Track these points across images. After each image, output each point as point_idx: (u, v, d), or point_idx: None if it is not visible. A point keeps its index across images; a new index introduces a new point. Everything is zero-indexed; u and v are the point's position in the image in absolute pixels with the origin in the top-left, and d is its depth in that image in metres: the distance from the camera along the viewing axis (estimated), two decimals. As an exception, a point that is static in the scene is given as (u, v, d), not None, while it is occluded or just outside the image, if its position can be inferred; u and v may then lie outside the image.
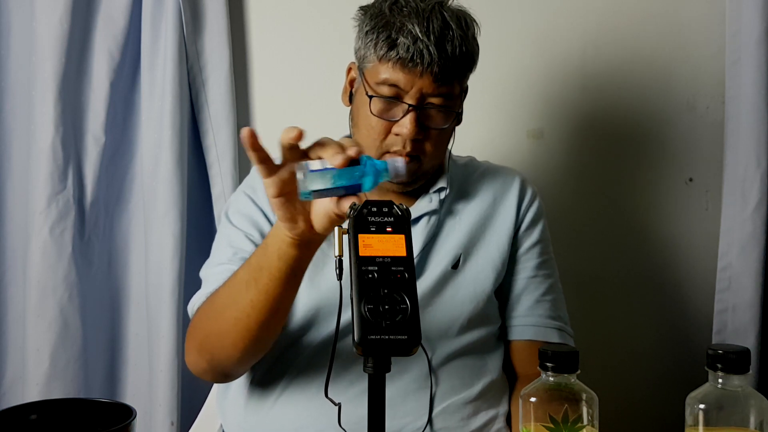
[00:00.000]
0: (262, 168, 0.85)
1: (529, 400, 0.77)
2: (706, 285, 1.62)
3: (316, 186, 0.82)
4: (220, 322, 1.02)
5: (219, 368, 1.09)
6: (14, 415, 0.86)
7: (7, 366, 1.60)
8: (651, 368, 1.67)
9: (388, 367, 0.70)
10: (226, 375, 1.13)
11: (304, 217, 0.88)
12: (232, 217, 1.20)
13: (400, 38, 1.09)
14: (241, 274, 1.00)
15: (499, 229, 1.23)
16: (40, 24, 1.51)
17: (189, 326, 1.11)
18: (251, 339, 1.01)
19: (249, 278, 0.97)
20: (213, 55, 1.57)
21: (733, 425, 0.74)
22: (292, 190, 0.85)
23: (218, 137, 1.58)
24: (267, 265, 0.94)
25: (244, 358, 1.06)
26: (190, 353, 1.10)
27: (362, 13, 1.17)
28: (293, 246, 0.90)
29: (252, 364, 1.12)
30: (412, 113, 1.11)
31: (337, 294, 0.84)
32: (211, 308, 1.06)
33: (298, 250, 0.91)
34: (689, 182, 1.65)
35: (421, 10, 1.10)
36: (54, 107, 1.50)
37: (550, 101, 1.64)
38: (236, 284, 1.00)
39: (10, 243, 1.60)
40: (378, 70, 1.12)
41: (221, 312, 1.02)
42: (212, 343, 1.05)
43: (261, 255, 0.96)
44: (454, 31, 1.10)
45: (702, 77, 1.62)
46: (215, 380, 1.18)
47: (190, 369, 1.12)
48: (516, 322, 1.23)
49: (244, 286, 0.97)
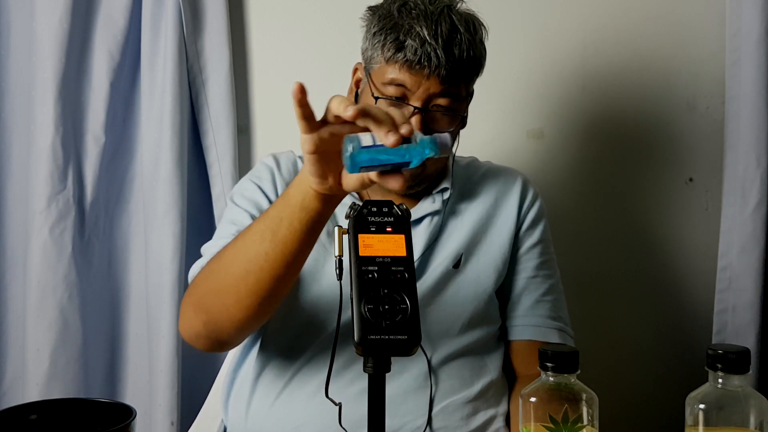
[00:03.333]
0: (303, 123, 0.83)
1: (529, 400, 0.77)
2: (706, 285, 1.62)
3: (365, 162, 0.81)
4: (227, 277, 0.99)
5: (215, 332, 1.04)
6: (14, 415, 0.86)
7: (7, 366, 1.60)
8: (651, 368, 1.67)
9: (388, 367, 0.70)
10: (222, 341, 1.08)
11: (334, 175, 0.88)
12: (237, 200, 1.20)
13: (408, 40, 1.08)
14: (256, 226, 0.97)
15: (501, 229, 1.23)
16: (40, 24, 1.51)
17: (186, 291, 1.08)
18: (259, 295, 0.97)
19: (265, 229, 0.94)
20: (213, 55, 1.57)
21: (733, 425, 0.74)
22: (328, 148, 0.85)
23: (218, 137, 1.58)
24: (288, 215, 0.92)
25: (245, 320, 1.01)
26: (184, 316, 1.06)
27: (370, 13, 1.17)
28: (317, 199, 0.90)
29: (249, 331, 1.09)
30: (417, 116, 1.11)
31: (338, 294, 0.84)
32: (217, 265, 1.03)
33: (322, 203, 0.90)
34: (689, 182, 1.65)
35: (430, 12, 1.10)
36: (54, 107, 1.50)
37: (550, 101, 1.64)
38: (250, 236, 0.97)
39: (10, 243, 1.60)
40: (385, 71, 1.12)
41: (229, 266, 0.99)
42: (212, 300, 1.02)
43: (282, 206, 0.94)
44: (462, 35, 1.10)
45: (702, 77, 1.62)
46: (209, 347, 1.11)
47: (183, 334, 1.08)
48: (516, 322, 1.23)
49: (258, 238, 0.95)
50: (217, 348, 1.12)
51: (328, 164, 0.86)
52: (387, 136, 0.79)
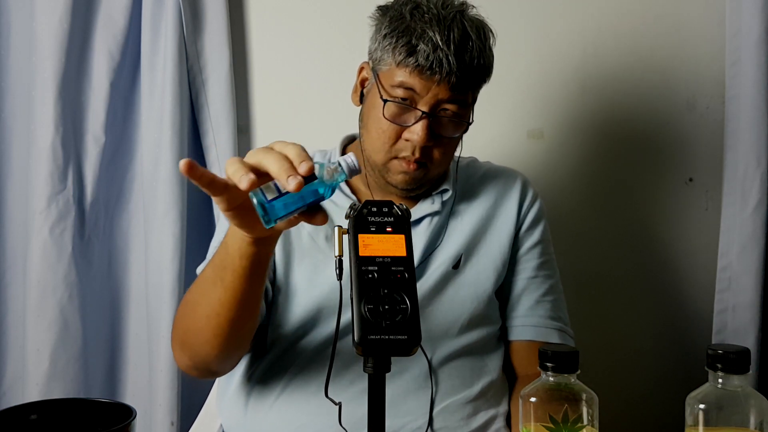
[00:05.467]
0: (208, 190, 0.82)
1: (529, 400, 0.77)
2: (706, 285, 1.62)
3: (280, 213, 0.79)
4: (195, 320, 1.02)
5: (201, 365, 1.08)
6: (14, 415, 0.86)
7: (7, 366, 1.60)
8: (651, 368, 1.67)
9: (388, 367, 0.70)
10: (211, 371, 1.12)
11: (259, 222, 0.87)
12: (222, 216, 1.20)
13: (421, 45, 1.08)
14: (207, 272, 0.99)
15: (501, 229, 1.23)
16: (40, 24, 1.51)
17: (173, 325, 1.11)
18: (224, 336, 1.00)
19: (215, 277, 0.96)
20: (213, 55, 1.57)
21: (733, 425, 0.74)
22: (242, 203, 0.84)
23: (218, 137, 1.58)
24: (230, 263, 0.93)
25: (222, 355, 1.05)
26: (174, 350, 1.10)
27: (380, 13, 1.16)
28: (253, 244, 0.90)
29: (234, 360, 1.11)
30: (424, 120, 1.11)
31: (338, 294, 0.84)
32: (186, 306, 1.06)
33: (257, 247, 0.90)
34: (689, 182, 1.65)
35: (443, 17, 1.09)
36: (54, 107, 1.50)
37: (550, 101, 1.64)
38: (204, 282, 1.00)
39: (10, 243, 1.60)
40: (394, 73, 1.11)
41: (194, 309, 1.02)
42: (191, 340, 1.05)
43: (223, 254, 0.95)
44: (473, 42, 1.10)
45: (702, 77, 1.62)
46: (202, 376, 1.16)
47: (179, 366, 1.11)
48: (516, 323, 1.23)
49: (211, 285, 0.97)
50: (211, 376, 1.17)
51: (249, 215, 0.84)
52: (288, 182, 0.76)
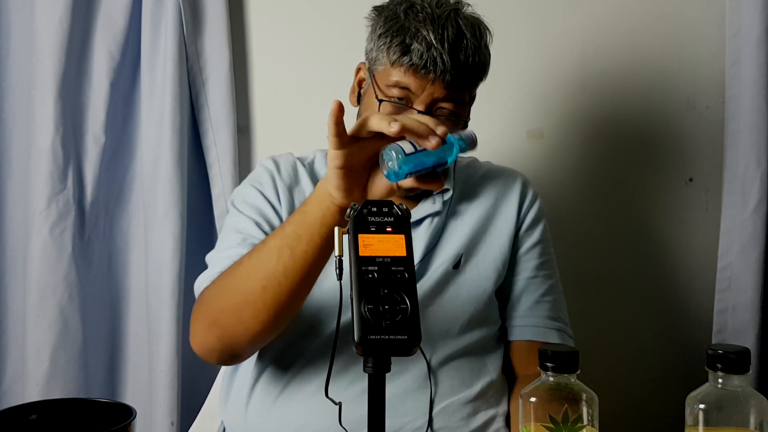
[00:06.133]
0: (336, 140, 0.87)
1: (529, 400, 0.77)
2: (706, 285, 1.62)
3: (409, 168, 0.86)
4: (243, 293, 1.00)
5: (230, 346, 1.06)
6: (14, 415, 0.86)
7: (7, 366, 1.60)
8: (651, 368, 1.67)
9: (388, 367, 0.69)
10: (235, 355, 1.10)
11: (359, 188, 0.90)
12: (240, 206, 1.19)
13: (414, 44, 1.08)
14: (272, 242, 0.98)
15: (501, 229, 1.23)
16: (40, 24, 1.51)
17: (195, 305, 1.09)
18: (276, 310, 0.99)
19: (282, 245, 0.96)
20: (213, 55, 1.57)
21: (733, 425, 0.74)
22: (356, 162, 0.88)
23: (218, 137, 1.58)
24: (307, 232, 0.94)
25: (262, 334, 1.03)
26: (197, 332, 1.07)
27: (376, 14, 1.16)
28: (338, 213, 0.92)
29: (266, 341, 1.09)
30: None
31: (338, 294, 0.84)
32: (231, 281, 1.03)
33: (342, 217, 0.91)
34: (689, 182, 1.65)
35: (437, 16, 1.09)
36: (54, 107, 1.50)
37: (550, 101, 1.64)
38: (266, 253, 0.99)
39: (10, 243, 1.60)
40: (389, 73, 1.11)
41: (244, 282, 1.01)
42: (226, 319, 1.03)
43: (299, 223, 0.95)
44: (468, 40, 1.10)
45: (702, 77, 1.62)
46: (222, 361, 1.13)
47: (196, 350, 1.08)
48: (516, 323, 1.23)
49: (275, 254, 0.96)
50: (230, 361, 1.14)
51: (354, 178, 0.89)
52: (429, 140, 0.86)
